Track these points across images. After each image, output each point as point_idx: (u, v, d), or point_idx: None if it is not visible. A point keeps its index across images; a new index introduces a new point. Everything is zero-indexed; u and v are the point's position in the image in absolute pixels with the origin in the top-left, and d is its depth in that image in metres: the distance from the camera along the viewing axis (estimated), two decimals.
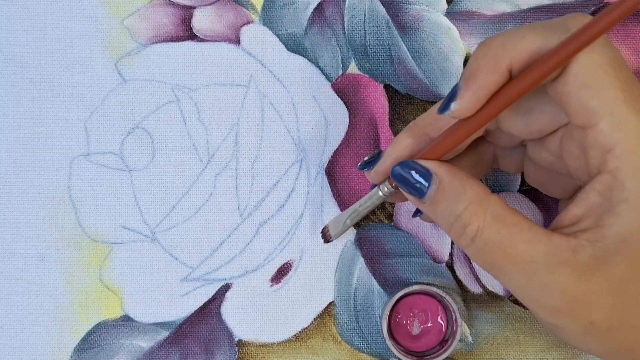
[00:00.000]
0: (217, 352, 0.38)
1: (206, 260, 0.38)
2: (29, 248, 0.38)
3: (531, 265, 0.28)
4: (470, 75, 0.28)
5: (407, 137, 0.32)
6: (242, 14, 0.39)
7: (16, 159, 0.39)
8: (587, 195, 0.28)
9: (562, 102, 0.28)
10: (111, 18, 0.39)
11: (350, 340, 0.38)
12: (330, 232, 0.36)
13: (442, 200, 0.29)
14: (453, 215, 0.29)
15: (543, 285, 0.28)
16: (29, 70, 0.39)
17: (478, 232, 0.28)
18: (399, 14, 0.39)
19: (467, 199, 0.29)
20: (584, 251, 0.27)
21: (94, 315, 0.38)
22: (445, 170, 0.30)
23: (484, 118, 0.29)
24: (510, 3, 0.39)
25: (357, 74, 0.39)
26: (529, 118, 0.30)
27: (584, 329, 0.28)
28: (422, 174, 0.30)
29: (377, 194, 0.33)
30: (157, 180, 0.39)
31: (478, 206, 0.29)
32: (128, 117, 0.39)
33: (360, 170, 0.34)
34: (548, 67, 0.27)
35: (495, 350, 0.38)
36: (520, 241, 0.28)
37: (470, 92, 0.28)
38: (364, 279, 0.38)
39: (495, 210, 0.28)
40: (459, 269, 0.38)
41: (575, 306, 0.28)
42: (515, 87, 0.28)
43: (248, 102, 0.39)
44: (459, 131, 0.29)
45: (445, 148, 0.30)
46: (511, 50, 0.28)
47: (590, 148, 0.28)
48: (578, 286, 0.27)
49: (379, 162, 0.32)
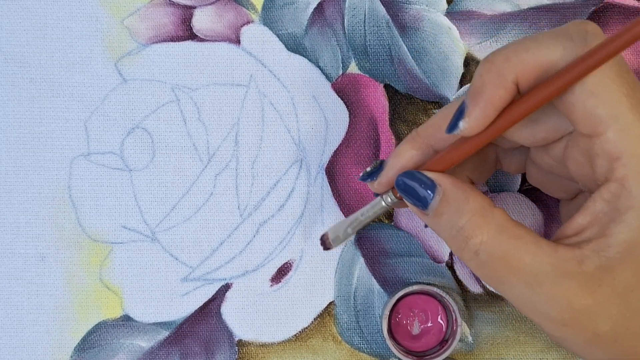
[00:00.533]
0: (217, 352, 0.38)
1: (206, 260, 0.38)
2: (29, 248, 0.38)
3: (536, 278, 0.27)
4: (476, 92, 0.28)
5: (411, 148, 0.32)
6: (242, 14, 0.39)
7: (16, 159, 0.39)
8: (594, 204, 0.27)
9: (568, 111, 0.28)
10: (111, 18, 0.39)
11: (350, 340, 0.38)
12: (330, 239, 0.35)
13: (444, 212, 0.29)
14: (455, 228, 0.29)
15: (549, 298, 0.27)
16: (29, 70, 0.39)
17: (482, 245, 0.28)
18: (399, 14, 0.39)
19: (470, 210, 0.28)
20: (589, 262, 0.27)
21: (94, 315, 0.38)
22: (450, 181, 0.29)
23: (492, 134, 0.28)
24: (510, 3, 0.39)
25: (357, 74, 0.39)
26: (533, 128, 0.30)
27: (589, 341, 0.28)
28: (427, 185, 0.30)
29: (380, 204, 0.33)
30: (157, 180, 0.39)
31: (481, 218, 0.28)
32: (128, 117, 0.39)
33: (362, 181, 0.33)
34: (562, 84, 0.27)
35: (495, 350, 0.38)
36: (524, 254, 0.27)
37: (477, 109, 0.28)
38: (364, 279, 0.38)
39: (499, 223, 0.28)
40: (459, 269, 0.38)
41: (581, 319, 0.27)
42: (526, 103, 0.27)
43: (248, 102, 0.39)
44: (466, 146, 0.29)
45: (451, 162, 0.30)
46: (516, 64, 0.27)
47: (596, 156, 0.27)
48: (584, 298, 0.27)
49: (383, 173, 0.32)
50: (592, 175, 0.28)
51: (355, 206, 0.39)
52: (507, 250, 0.28)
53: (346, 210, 0.39)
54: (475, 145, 0.29)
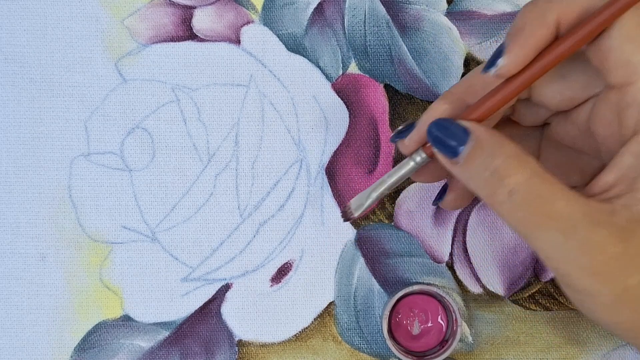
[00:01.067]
0: (217, 352, 0.38)
1: (206, 260, 0.38)
2: (29, 248, 0.38)
3: (570, 223, 0.27)
4: (517, 30, 0.27)
5: (444, 103, 0.31)
6: (242, 14, 0.39)
7: (16, 159, 0.39)
8: (621, 159, 0.27)
9: (601, 59, 0.27)
10: (111, 18, 0.39)
11: (350, 340, 0.38)
12: (352, 208, 0.33)
13: (478, 156, 0.28)
14: (490, 169, 0.28)
15: (582, 243, 0.26)
16: (29, 70, 0.39)
17: (516, 185, 0.27)
18: (399, 14, 0.39)
19: (505, 152, 0.28)
20: (620, 215, 0.27)
21: (94, 315, 0.38)
22: (483, 128, 0.29)
23: (530, 77, 0.28)
24: (510, 3, 0.39)
25: (358, 74, 0.39)
26: (562, 85, 0.30)
27: (618, 296, 0.27)
28: (460, 131, 0.29)
29: (409, 163, 0.32)
30: (157, 180, 0.39)
31: (516, 160, 0.27)
32: (128, 117, 0.39)
33: (393, 141, 0.32)
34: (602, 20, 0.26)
35: (495, 350, 0.38)
36: (559, 198, 0.27)
37: (518, 47, 0.27)
38: (364, 279, 0.38)
39: (533, 167, 0.27)
40: (459, 269, 0.38)
41: (613, 268, 0.27)
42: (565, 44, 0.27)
43: (248, 102, 0.39)
44: (503, 92, 0.29)
45: (486, 110, 0.29)
46: (558, 4, 0.27)
47: (627, 108, 0.27)
48: (616, 247, 0.26)
49: (415, 129, 0.31)
50: (618, 134, 0.28)
51: None
52: (542, 193, 0.27)
53: None
54: (511, 92, 0.28)
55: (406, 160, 0.32)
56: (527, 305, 0.38)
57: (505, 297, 0.38)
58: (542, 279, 0.38)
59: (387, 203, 0.39)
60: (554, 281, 0.38)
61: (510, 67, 0.28)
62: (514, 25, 0.28)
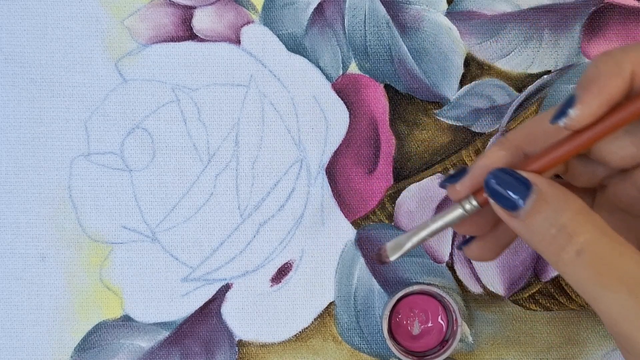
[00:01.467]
0: (217, 352, 0.38)
1: (206, 260, 0.38)
2: (29, 248, 0.38)
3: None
4: (590, 80, 0.26)
5: (500, 149, 0.29)
6: (242, 14, 0.39)
7: (16, 159, 0.39)
8: None
9: None
10: (111, 18, 0.39)
11: (350, 340, 0.38)
12: (388, 250, 0.30)
13: (542, 211, 0.26)
14: (556, 226, 0.26)
15: None
16: (29, 70, 0.39)
17: (585, 244, 0.25)
18: (399, 14, 0.39)
19: (573, 208, 0.26)
20: None
21: (94, 315, 0.38)
22: (547, 181, 0.27)
23: (602, 131, 0.26)
24: (510, 3, 0.39)
25: (358, 74, 0.39)
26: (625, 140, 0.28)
27: None
28: (521, 183, 0.27)
29: (457, 210, 0.29)
30: (158, 180, 0.39)
31: (584, 217, 0.26)
32: (128, 117, 0.39)
33: (442, 186, 0.30)
34: None
35: (495, 350, 0.38)
36: (629, 259, 0.25)
37: (591, 97, 0.25)
38: (364, 279, 0.38)
39: (601, 224, 0.26)
40: (459, 269, 0.38)
41: None
42: None
43: (248, 102, 0.39)
44: (570, 144, 0.27)
45: (550, 162, 0.27)
46: (635, 54, 0.25)
47: None
48: None
49: (469, 174, 0.29)
50: None
51: (356, 206, 0.39)
52: (611, 253, 0.25)
53: (346, 210, 0.39)
54: (579, 145, 0.26)
55: (454, 206, 0.29)
56: (527, 306, 0.38)
57: (506, 297, 0.38)
58: (542, 279, 0.38)
59: (387, 203, 0.39)
60: (554, 281, 0.38)
61: (583, 118, 0.26)
62: (586, 75, 0.26)
